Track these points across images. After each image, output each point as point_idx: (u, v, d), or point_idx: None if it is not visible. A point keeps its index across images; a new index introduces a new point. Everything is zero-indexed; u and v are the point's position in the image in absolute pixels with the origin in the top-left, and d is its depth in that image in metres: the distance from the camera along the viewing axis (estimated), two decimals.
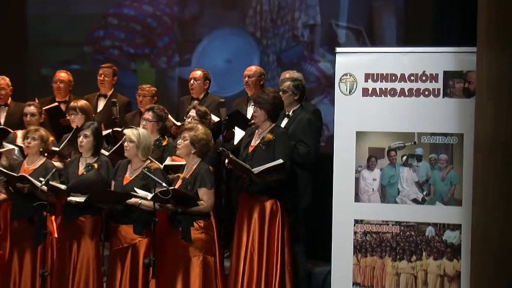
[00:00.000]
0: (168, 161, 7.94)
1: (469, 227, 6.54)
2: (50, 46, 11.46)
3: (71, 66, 10.90)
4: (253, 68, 9.16)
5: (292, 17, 10.61)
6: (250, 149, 7.76)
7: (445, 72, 7.11)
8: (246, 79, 9.04)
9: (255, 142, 7.78)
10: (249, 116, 8.63)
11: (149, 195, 7.10)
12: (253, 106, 8.02)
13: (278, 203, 7.66)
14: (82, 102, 8.66)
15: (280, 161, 7.45)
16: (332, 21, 10.42)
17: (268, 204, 7.63)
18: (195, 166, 7.34)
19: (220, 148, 7.97)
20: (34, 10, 11.50)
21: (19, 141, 8.40)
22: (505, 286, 6.04)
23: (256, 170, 7.44)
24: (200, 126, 7.46)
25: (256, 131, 7.84)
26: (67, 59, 11.24)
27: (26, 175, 7.65)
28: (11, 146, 8.27)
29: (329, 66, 10.34)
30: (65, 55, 11.35)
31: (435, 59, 7.16)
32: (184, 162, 7.52)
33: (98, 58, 10.94)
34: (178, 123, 8.48)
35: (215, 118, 8.45)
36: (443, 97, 7.10)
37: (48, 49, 11.47)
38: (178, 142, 7.42)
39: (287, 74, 8.40)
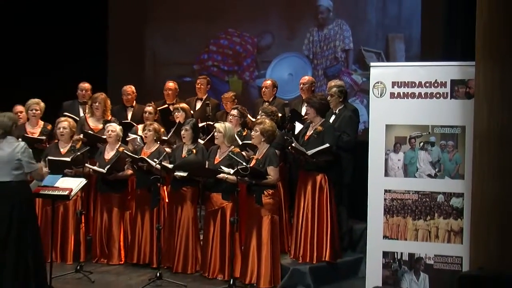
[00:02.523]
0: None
1: (470, 195, 6.30)
2: (170, 64, 11.48)
3: (184, 79, 11.06)
4: (306, 78, 8.92)
5: (334, 44, 10.58)
6: (306, 137, 7.55)
7: (452, 80, 6.80)
8: (301, 86, 8.78)
9: (309, 132, 7.56)
10: (303, 113, 8.38)
11: (232, 171, 7.06)
12: (306, 106, 7.84)
13: (326, 177, 7.41)
14: (183, 104, 8.68)
15: (327, 145, 7.26)
16: (361, 47, 10.36)
17: (319, 178, 7.38)
18: (265, 150, 7.21)
19: (285, 137, 7.86)
20: (159, 40, 11.55)
21: (139, 132, 8.40)
22: (495, 238, 5.75)
23: (309, 152, 7.25)
24: (267, 120, 7.35)
25: (311, 124, 7.60)
26: (182, 74, 11.26)
27: (145, 157, 7.67)
28: (134, 136, 8.34)
29: (359, 78, 10.32)
30: (181, 71, 11.34)
31: (444, 71, 6.85)
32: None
33: (203, 73, 10.86)
34: (253, 119, 8.23)
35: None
36: (450, 99, 6.79)
37: (169, 66, 11.49)
38: (252, 133, 7.34)
39: (333, 83, 8.16)
